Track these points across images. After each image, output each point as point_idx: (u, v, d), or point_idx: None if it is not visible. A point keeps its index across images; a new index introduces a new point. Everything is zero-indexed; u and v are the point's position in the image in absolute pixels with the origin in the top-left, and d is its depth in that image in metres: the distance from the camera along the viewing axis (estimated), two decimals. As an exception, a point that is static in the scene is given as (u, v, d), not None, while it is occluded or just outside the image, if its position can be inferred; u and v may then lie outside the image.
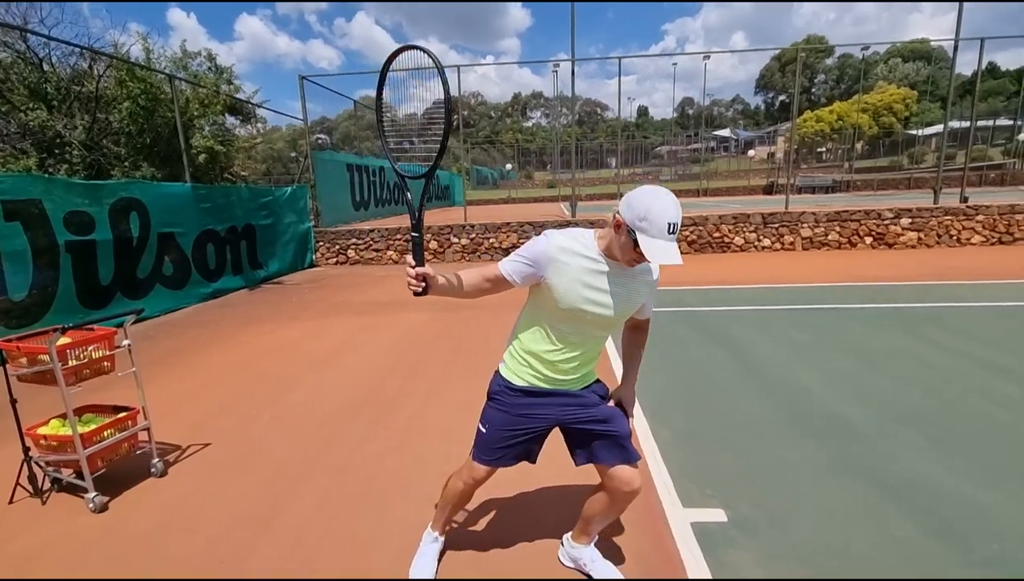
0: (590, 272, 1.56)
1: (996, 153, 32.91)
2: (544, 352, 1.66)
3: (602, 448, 1.70)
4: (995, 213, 9.99)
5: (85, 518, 2.41)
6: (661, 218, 1.38)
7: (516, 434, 1.72)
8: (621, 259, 1.52)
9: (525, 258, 1.58)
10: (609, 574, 1.86)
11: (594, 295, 1.57)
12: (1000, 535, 2.05)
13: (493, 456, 1.75)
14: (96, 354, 2.53)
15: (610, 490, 1.72)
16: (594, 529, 1.89)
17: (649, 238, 1.40)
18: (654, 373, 3.92)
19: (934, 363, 3.98)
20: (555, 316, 1.62)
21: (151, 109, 9.58)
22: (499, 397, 1.75)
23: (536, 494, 2.43)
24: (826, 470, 2.57)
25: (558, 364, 1.66)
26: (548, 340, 1.65)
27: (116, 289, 6.37)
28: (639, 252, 1.43)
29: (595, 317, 1.59)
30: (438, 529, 2.00)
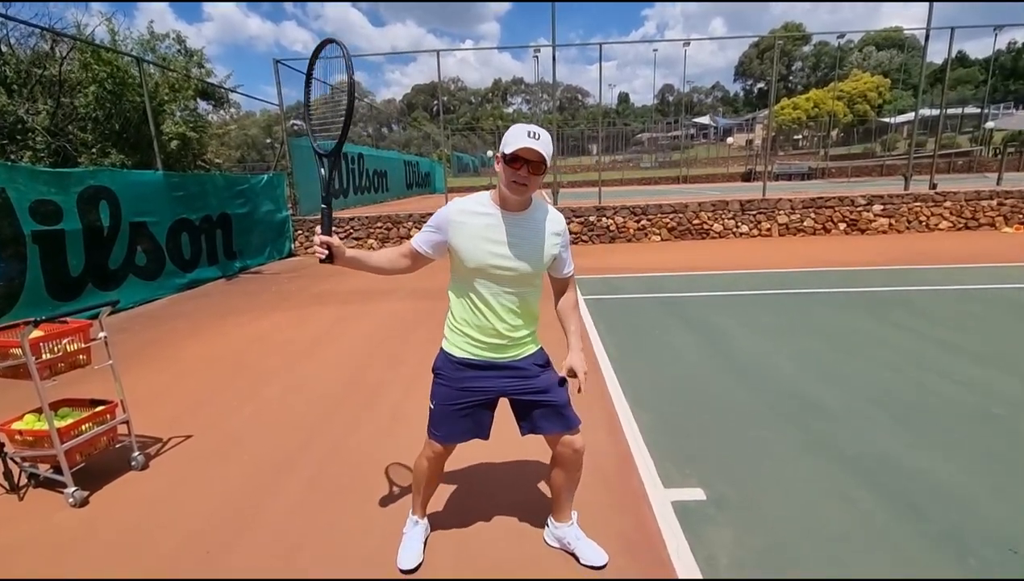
0: (487, 226, 1.64)
1: (964, 141, 33.89)
2: (472, 317, 1.72)
3: (542, 418, 1.77)
4: (962, 199, 10.33)
5: (65, 513, 2.37)
6: (519, 130, 1.56)
7: (460, 407, 1.78)
8: (506, 187, 1.59)
9: (430, 226, 1.70)
10: (592, 551, 1.92)
11: (495, 248, 1.64)
12: (955, 507, 2.17)
13: (443, 431, 1.82)
14: (71, 347, 2.48)
15: (558, 457, 1.82)
16: (565, 502, 1.95)
17: (510, 145, 1.54)
18: (634, 358, 3.99)
19: (900, 345, 4.14)
20: (470, 277, 1.68)
21: (118, 94, 9.23)
22: (442, 371, 1.80)
23: (517, 478, 2.48)
24: (798, 449, 2.67)
25: (490, 328, 1.71)
26: (471, 304, 1.71)
27: (87, 280, 6.20)
28: (511, 165, 1.56)
29: (502, 270, 1.65)
30: (418, 513, 2.04)
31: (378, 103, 56.25)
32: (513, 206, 1.65)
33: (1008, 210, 10.31)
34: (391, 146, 32.67)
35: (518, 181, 1.57)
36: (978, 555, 1.89)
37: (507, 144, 1.56)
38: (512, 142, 1.54)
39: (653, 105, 60.87)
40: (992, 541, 1.96)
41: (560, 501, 1.95)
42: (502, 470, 2.56)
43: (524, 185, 1.58)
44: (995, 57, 33.29)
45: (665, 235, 10.59)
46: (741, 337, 4.48)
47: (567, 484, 1.90)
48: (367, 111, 27.28)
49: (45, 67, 9.36)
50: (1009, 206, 10.31)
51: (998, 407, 3.04)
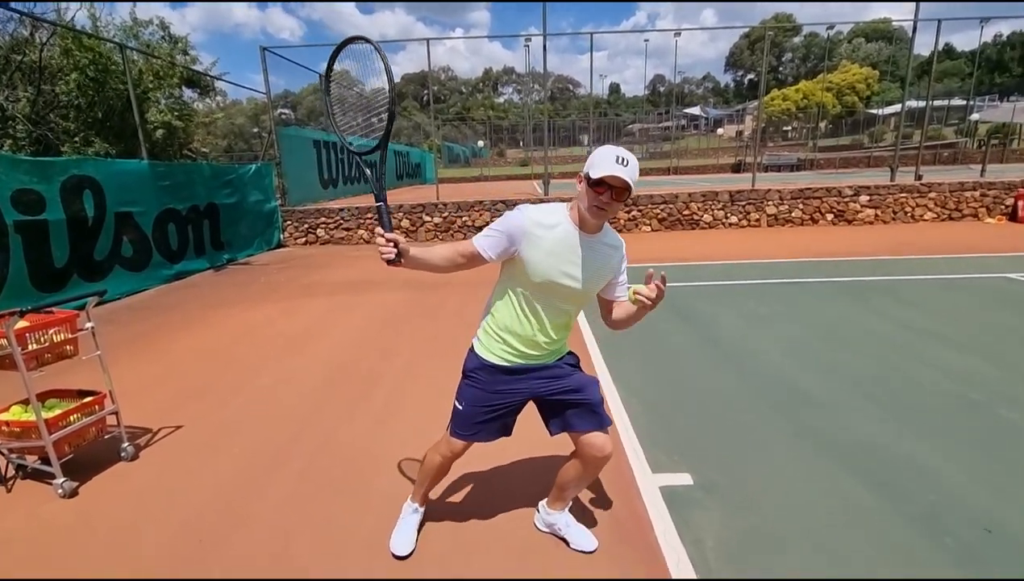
0: (563, 243, 1.61)
1: (950, 132, 34.28)
2: (518, 327, 1.70)
3: (575, 416, 1.77)
4: (946, 190, 10.48)
5: (54, 504, 2.37)
6: (608, 154, 1.52)
7: (493, 410, 1.77)
8: (585, 209, 1.58)
9: (500, 232, 1.61)
10: (582, 536, 1.96)
11: (566, 267, 1.62)
12: (935, 489, 2.23)
13: (470, 432, 1.81)
14: (57, 337, 2.46)
15: (583, 456, 1.80)
16: (568, 495, 1.97)
17: (597, 168, 1.51)
18: (624, 348, 4.03)
19: (884, 333, 4.22)
20: (529, 290, 1.66)
21: (101, 81, 9.04)
22: (475, 375, 1.78)
23: (510, 465, 2.51)
24: (784, 435, 2.73)
25: (532, 339, 1.71)
26: (521, 315, 1.69)
27: (72, 271, 6.11)
28: (595, 189, 1.53)
29: (567, 289, 1.64)
30: (418, 500, 2.06)
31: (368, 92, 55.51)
32: (589, 228, 1.62)
33: (991, 201, 10.48)
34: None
35: (600, 206, 1.54)
36: (954, 534, 1.95)
37: (594, 166, 1.52)
38: (599, 166, 1.50)
39: (644, 96, 60.77)
40: (968, 521, 2.02)
41: (563, 493, 1.96)
42: (493, 458, 2.58)
43: (604, 210, 1.56)
44: (981, 50, 33.63)
45: (655, 226, 10.64)
46: (729, 326, 4.54)
47: (579, 482, 1.90)
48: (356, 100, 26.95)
49: (25, 53, 9.14)
50: (992, 197, 10.48)
51: (977, 394, 3.12)
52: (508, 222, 1.61)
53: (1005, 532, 1.96)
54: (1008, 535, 1.95)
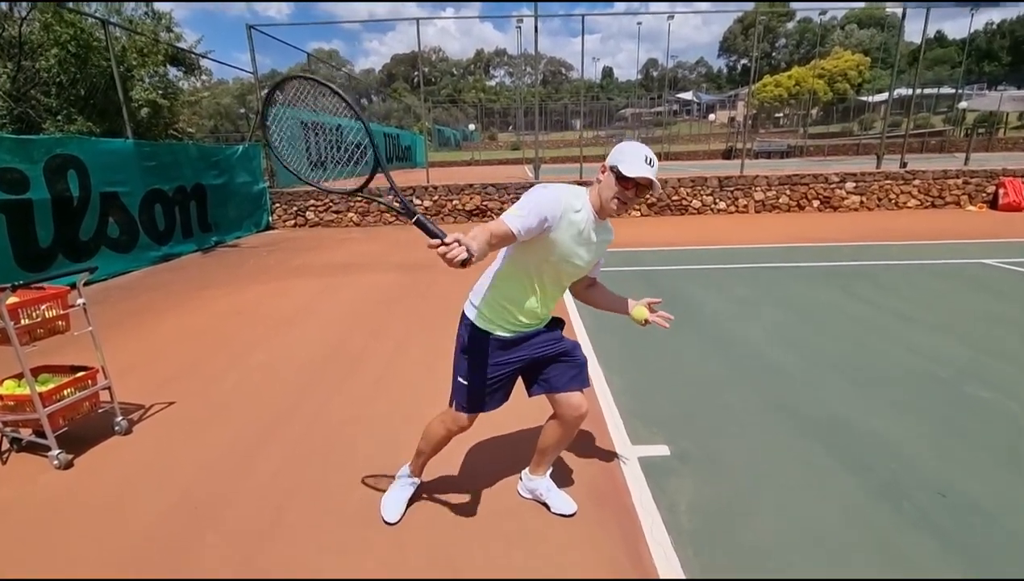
0: (584, 228, 1.70)
1: (939, 121, 34.56)
2: (523, 300, 1.78)
3: (561, 376, 1.86)
4: (930, 178, 10.65)
5: (50, 475, 2.42)
6: (637, 151, 1.62)
7: (498, 380, 1.84)
8: (606, 200, 1.66)
9: (537, 214, 1.56)
10: (562, 501, 2.06)
11: (582, 250, 1.73)
12: (896, 459, 2.36)
13: (477, 404, 1.86)
14: (49, 313, 2.49)
15: (562, 416, 1.91)
16: (548, 459, 2.07)
17: (629, 165, 1.60)
18: (608, 328, 4.13)
19: (861, 315, 4.36)
20: (543, 267, 1.73)
21: (83, 57, 8.85)
22: (478, 347, 1.82)
23: (491, 437, 2.60)
24: (759, 410, 2.84)
25: (533, 311, 1.80)
26: (529, 289, 1.77)
27: (57, 251, 6.08)
28: (622, 184, 1.61)
29: (576, 268, 1.77)
30: (416, 471, 2.12)
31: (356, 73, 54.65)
32: (603, 215, 1.72)
33: (973, 189, 10.67)
34: (371, 118, 31.96)
35: (624, 200, 1.65)
36: (912, 499, 2.08)
37: (623, 162, 1.60)
38: (631, 164, 1.59)
39: (637, 80, 60.35)
40: (925, 488, 2.15)
41: (543, 457, 2.06)
42: (476, 426, 2.67)
43: (627, 204, 1.67)
44: (971, 38, 33.77)
45: (645, 211, 10.71)
46: (713, 308, 4.65)
47: (557, 444, 1.99)
48: (345, 81, 26.56)
49: (4, 28, 8.90)
50: (974, 185, 10.67)
51: (944, 371, 3.26)
52: (543, 204, 1.58)
53: (958, 496, 2.09)
54: (961, 498, 2.08)
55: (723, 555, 1.83)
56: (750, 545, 1.87)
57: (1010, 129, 31.62)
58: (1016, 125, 32.76)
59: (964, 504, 2.06)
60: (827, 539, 1.89)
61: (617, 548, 1.87)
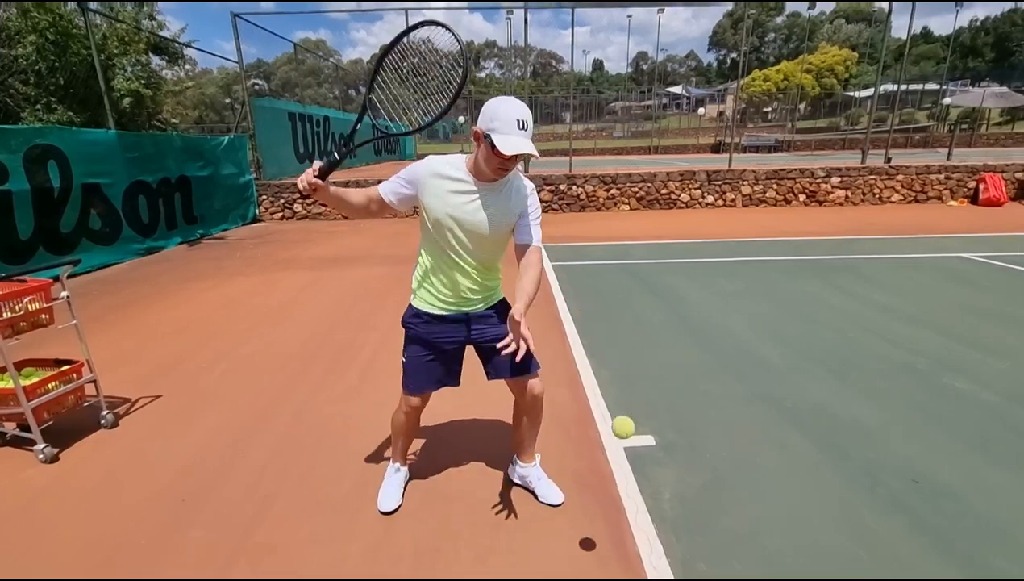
0: (459, 193, 1.67)
1: (923, 116, 35.01)
2: (439, 272, 1.79)
3: (507, 362, 1.81)
4: (913, 173, 10.81)
5: (35, 469, 2.41)
6: (509, 115, 1.49)
7: (430, 358, 1.89)
8: (487, 169, 1.58)
9: (402, 179, 1.71)
10: (550, 491, 2.10)
11: (464, 214, 1.67)
12: (873, 446, 2.43)
13: (414, 384, 1.92)
14: (32, 306, 2.46)
15: (517, 399, 1.97)
16: (527, 444, 2.10)
17: (502, 136, 1.49)
18: (597, 321, 4.17)
19: (843, 308, 4.44)
20: (438, 238, 1.73)
21: (62, 45, 8.65)
22: (411, 325, 1.89)
23: (486, 423, 2.63)
24: (742, 401, 2.90)
25: (454, 283, 1.78)
26: (440, 260, 1.77)
27: (38, 244, 5.97)
28: (498, 153, 1.49)
29: (472, 234, 1.69)
30: (398, 460, 2.17)
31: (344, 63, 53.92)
32: (485, 178, 1.65)
33: (954, 184, 10.86)
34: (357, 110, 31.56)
35: (505, 168, 1.59)
36: (886, 485, 2.15)
37: (496, 131, 1.49)
38: (505, 138, 1.48)
39: (627, 73, 60.35)
40: (899, 474, 2.22)
41: (523, 443, 2.11)
42: (467, 416, 2.70)
43: (507, 171, 1.62)
44: (956, 35, 34.18)
45: (634, 204, 10.77)
46: (699, 301, 4.71)
47: (530, 427, 2.05)
48: (333, 72, 26.20)
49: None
50: (955, 180, 10.86)
51: (922, 362, 3.35)
52: (411, 171, 1.70)
53: (931, 482, 2.17)
54: (933, 484, 2.15)
55: (703, 540, 1.88)
56: (729, 530, 1.92)
57: (992, 125, 32.16)
58: (998, 121, 33.32)
59: (935, 489, 2.13)
60: (803, 523, 1.95)
61: (601, 535, 1.91)
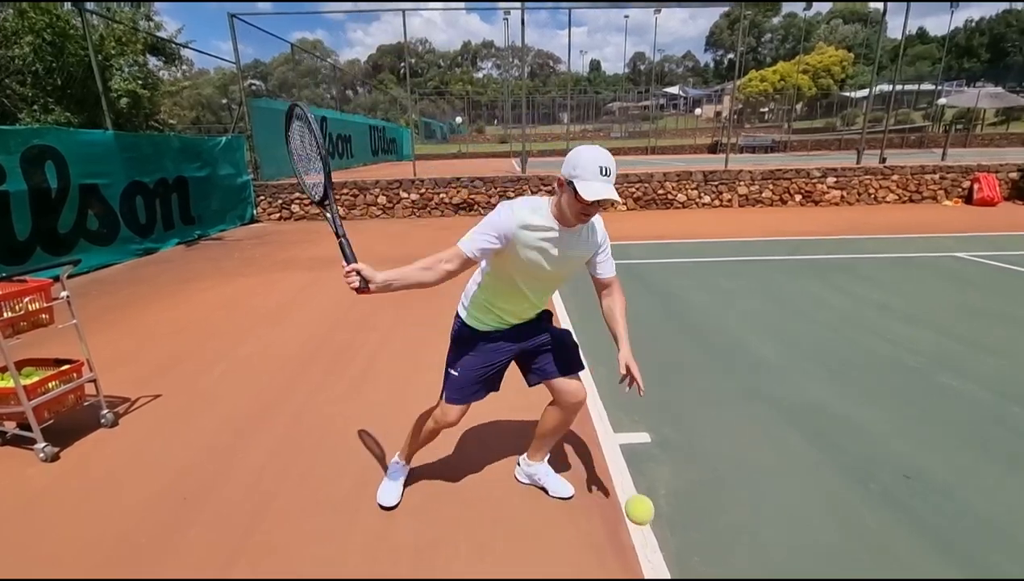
0: (548, 241, 1.68)
1: (919, 116, 35.18)
2: (507, 304, 1.84)
3: (555, 363, 1.93)
4: (908, 173, 10.88)
5: (35, 468, 2.42)
6: (592, 163, 1.53)
7: (488, 369, 1.90)
8: (570, 214, 1.61)
9: (489, 234, 1.63)
10: (560, 485, 2.13)
11: (551, 262, 1.71)
12: (867, 443, 2.47)
13: (467, 394, 1.91)
14: (32, 306, 2.48)
15: (560, 402, 1.98)
16: (547, 444, 2.13)
17: (584, 182, 1.52)
18: (594, 319, 4.18)
19: (840, 306, 4.48)
20: (518, 278, 1.76)
21: (59, 46, 8.65)
22: (467, 340, 1.89)
23: (489, 425, 2.66)
24: (738, 398, 2.93)
25: (519, 310, 1.87)
26: (512, 293, 1.81)
27: (35, 244, 5.97)
28: (581, 200, 1.52)
29: (549, 275, 1.76)
30: (404, 458, 2.17)
31: (341, 64, 53.93)
32: (570, 225, 1.67)
33: (949, 184, 10.93)
34: (356, 110, 31.62)
35: (587, 214, 1.61)
36: (879, 481, 2.18)
37: (579, 180, 1.52)
38: (587, 185, 1.50)
39: (625, 74, 60.47)
40: (892, 470, 2.25)
41: (543, 443, 2.12)
42: (471, 421, 2.72)
43: (589, 216, 1.64)
44: (951, 35, 34.36)
45: (631, 205, 10.80)
46: (696, 300, 4.74)
47: (556, 430, 2.06)
48: (330, 72, 26.21)
49: (-26, 14, 8.66)
50: (950, 181, 10.93)
51: (917, 360, 3.38)
52: (498, 225, 1.63)
53: (924, 478, 2.20)
54: (926, 480, 2.18)
55: (698, 535, 1.90)
56: (724, 525, 1.95)
57: (987, 125, 32.32)
58: (992, 121, 33.49)
59: (930, 485, 2.16)
60: (797, 518, 1.98)
61: (598, 530, 1.94)
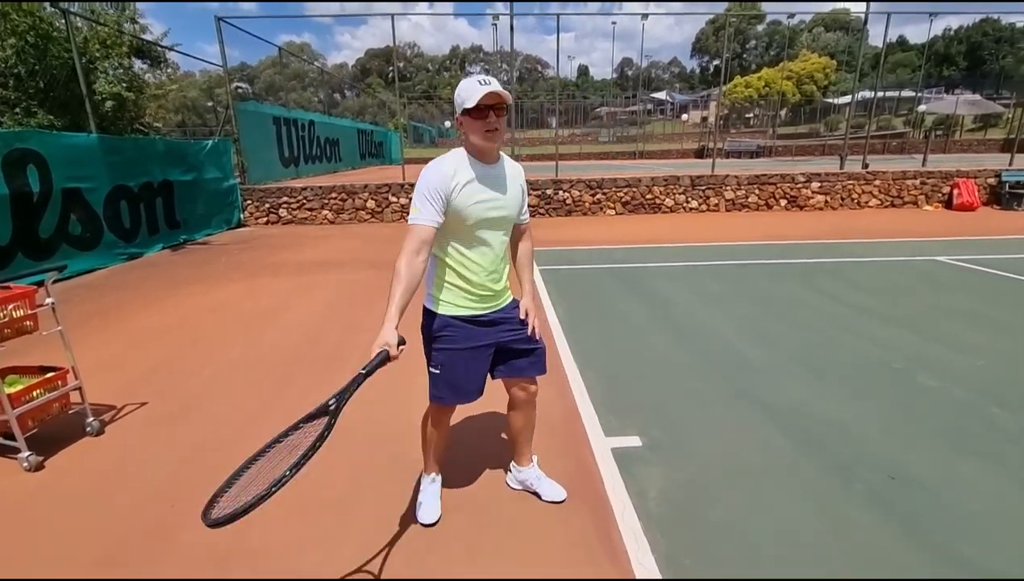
0: (477, 182, 1.71)
1: (899, 123, 35.91)
2: (468, 273, 1.78)
3: (528, 363, 1.95)
4: (890, 179, 11.11)
5: (20, 477, 2.38)
6: (470, 82, 1.62)
7: (465, 365, 1.84)
8: (479, 140, 1.66)
9: (429, 197, 1.65)
10: (552, 489, 2.14)
11: (488, 200, 1.73)
12: (851, 443, 2.52)
13: (450, 394, 1.88)
14: (16, 313, 2.44)
15: (514, 398, 2.03)
16: (525, 446, 2.14)
17: (470, 98, 1.60)
18: (584, 323, 4.22)
19: (824, 309, 4.56)
20: (466, 232, 1.75)
21: (42, 48, 8.52)
22: (447, 334, 1.81)
23: (480, 425, 2.66)
24: (725, 400, 2.98)
25: (481, 282, 1.80)
26: (465, 259, 1.78)
27: (16, 250, 5.87)
28: (475, 116, 1.61)
29: (498, 218, 1.77)
30: (432, 470, 2.14)
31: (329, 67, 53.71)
32: (490, 158, 1.73)
33: (929, 189, 11.18)
34: (344, 113, 31.48)
35: (490, 128, 1.64)
36: (864, 480, 2.23)
37: (466, 99, 1.60)
38: (471, 94, 1.59)
39: (612, 79, 60.98)
40: (877, 470, 2.30)
41: (520, 446, 2.14)
42: (459, 418, 2.72)
43: (496, 129, 1.65)
44: (930, 43, 35.17)
45: (619, 209, 10.89)
46: (684, 304, 4.80)
47: (526, 426, 2.09)
48: (318, 75, 26.07)
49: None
50: (930, 186, 11.17)
51: (899, 361, 3.46)
52: (431, 185, 1.66)
53: (907, 478, 2.25)
54: (909, 480, 2.23)
55: (688, 536, 1.93)
56: (714, 526, 1.98)
57: (965, 132, 33.08)
58: (971, 128, 34.29)
59: (910, 482, 2.21)
60: (782, 517, 2.01)
61: (589, 533, 1.96)
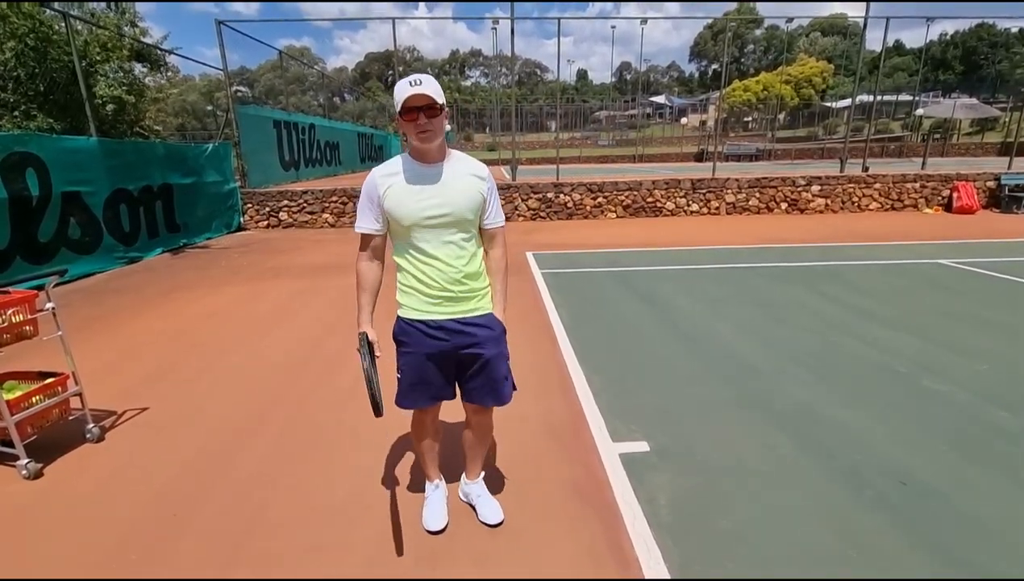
0: (411, 180, 1.68)
1: (897, 126, 36.05)
2: (419, 273, 1.75)
3: (482, 390, 1.85)
4: (889, 182, 11.12)
5: (18, 485, 2.35)
6: (402, 85, 1.60)
7: (423, 372, 1.81)
8: (416, 140, 1.64)
9: (363, 204, 1.75)
10: (489, 509, 2.05)
11: (424, 198, 1.67)
12: (859, 448, 2.49)
13: (411, 399, 1.86)
14: (16, 318, 2.41)
15: (469, 423, 1.99)
16: (474, 462, 2.10)
17: (400, 100, 1.60)
18: (587, 327, 4.20)
19: (826, 313, 4.55)
20: (408, 234, 1.72)
21: (42, 51, 8.50)
22: (405, 338, 1.83)
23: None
24: (730, 404, 2.95)
25: (439, 284, 1.74)
26: (417, 261, 1.74)
27: (15, 254, 5.83)
28: (409, 118, 1.60)
29: (439, 216, 1.68)
30: (434, 477, 2.12)
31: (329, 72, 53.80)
32: (430, 157, 1.68)
33: (929, 192, 11.19)
34: (344, 117, 31.49)
35: (420, 129, 1.61)
36: (873, 487, 2.20)
37: (396, 102, 1.61)
38: (400, 96, 1.59)
39: (611, 83, 61.18)
40: (886, 475, 2.28)
41: (469, 460, 2.10)
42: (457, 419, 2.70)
43: (428, 131, 1.61)
44: (927, 48, 35.34)
45: (620, 212, 10.88)
46: (687, 307, 4.78)
47: (477, 446, 2.05)
48: (318, 79, 26.11)
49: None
50: (930, 189, 11.19)
51: (902, 365, 3.44)
52: (364, 192, 1.74)
53: (917, 483, 2.22)
54: (919, 485, 2.21)
55: (699, 543, 1.90)
56: (724, 532, 1.95)
57: (962, 135, 33.20)
58: (968, 131, 34.41)
59: (917, 487, 2.19)
60: (793, 523, 1.99)
61: (599, 541, 1.93)
